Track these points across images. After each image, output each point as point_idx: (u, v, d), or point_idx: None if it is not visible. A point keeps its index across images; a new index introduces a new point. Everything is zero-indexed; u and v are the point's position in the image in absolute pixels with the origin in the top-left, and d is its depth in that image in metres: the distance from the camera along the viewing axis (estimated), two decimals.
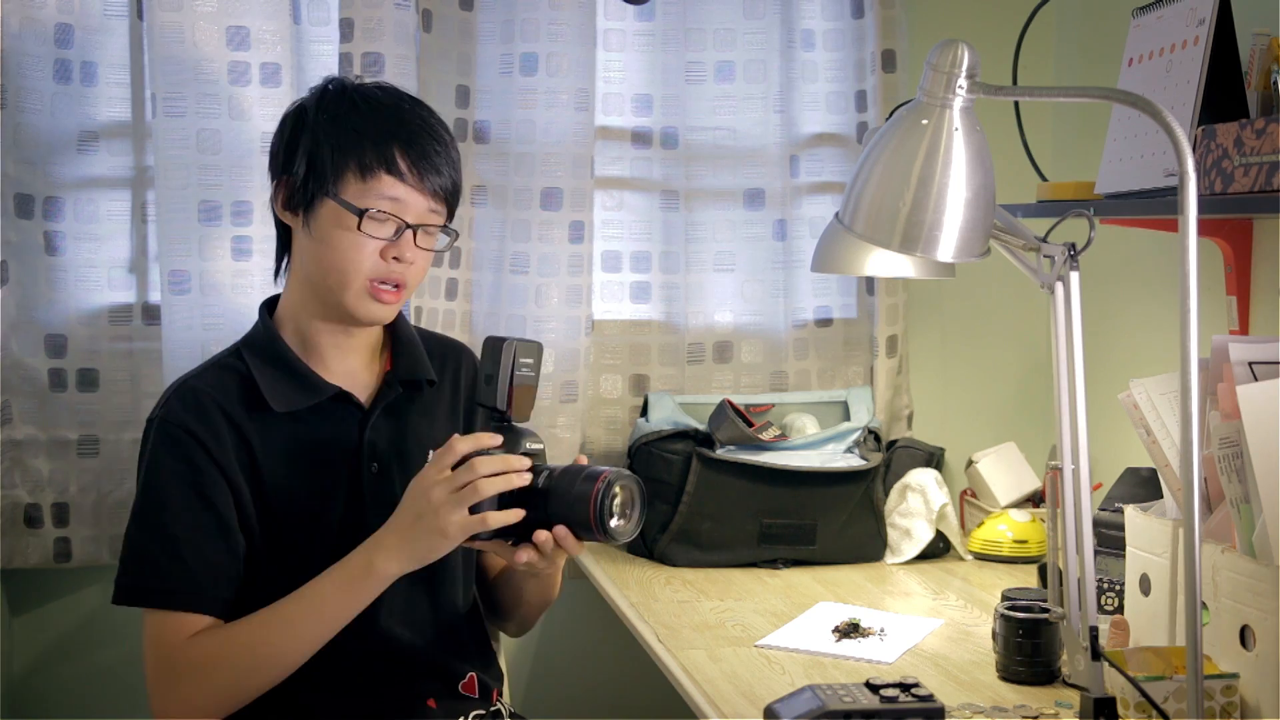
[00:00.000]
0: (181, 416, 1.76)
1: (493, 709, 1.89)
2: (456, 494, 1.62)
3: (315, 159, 1.76)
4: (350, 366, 1.84)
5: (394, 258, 1.76)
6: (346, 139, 1.76)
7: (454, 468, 1.64)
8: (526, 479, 1.65)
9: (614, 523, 1.66)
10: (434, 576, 1.84)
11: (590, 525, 1.64)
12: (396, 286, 1.78)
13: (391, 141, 1.76)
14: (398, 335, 1.90)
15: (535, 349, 1.71)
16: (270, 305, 1.88)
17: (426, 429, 1.86)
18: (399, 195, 1.75)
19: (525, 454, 1.68)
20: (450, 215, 1.83)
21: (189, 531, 1.73)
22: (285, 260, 1.87)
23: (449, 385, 1.94)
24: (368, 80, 1.85)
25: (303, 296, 1.82)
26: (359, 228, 1.74)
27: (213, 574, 1.73)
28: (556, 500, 1.66)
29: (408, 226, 1.76)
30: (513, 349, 1.68)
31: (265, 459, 1.77)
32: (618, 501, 1.66)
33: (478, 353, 1.81)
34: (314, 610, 1.69)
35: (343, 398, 1.81)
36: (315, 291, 1.80)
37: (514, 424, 1.69)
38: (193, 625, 1.72)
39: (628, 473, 1.67)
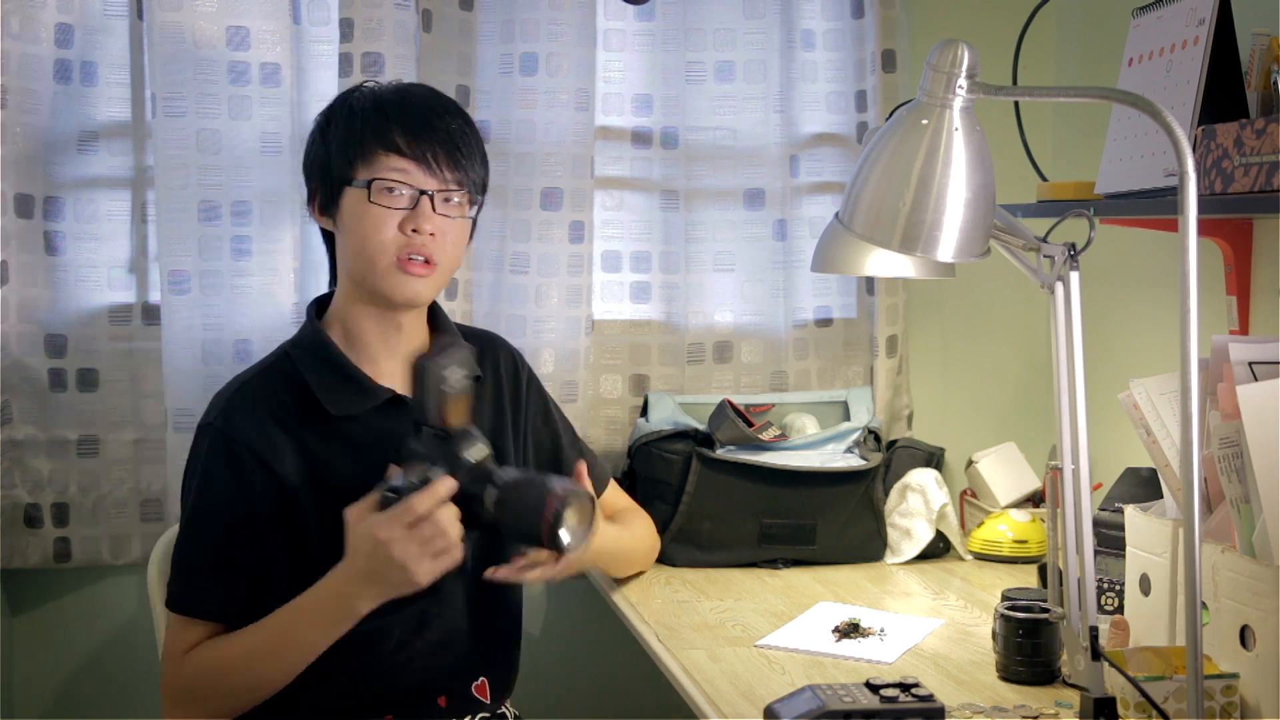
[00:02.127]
0: (237, 429, 1.77)
1: (499, 713, 1.90)
2: (422, 547, 1.61)
3: (329, 157, 1.81)
4: (399, 367, 1.86)
5: (413, 230, 1.78)
6: (352, 133, 1.80)
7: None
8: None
9: (566, 541, 1.67)
10: (444, 584, 1.85)
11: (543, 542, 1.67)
12: (426, 262, 1.79)
13: (388, 123, 1.79)
14: (441, 333, 1.91)
15: (461, 358, 1.70)
16: (319, 306, 1.90)
17: (477, 423, 1.87)
18: (404, 167, 1.79)
19: (466, 466, 1.66)
20: (471, 184, 1.85)
21: (233, 547, 1.75)
22: (332, 265, 1.92)
23: (491, 377, 1.96)
24: (386, 82, 1.89)
25: (348, 295, 1.85)
26: (370, 200, 1.77)
27: (248, 589, 1.75)
28: (509, 521, 1.67)
29: (422, 193, 1.78)
30: (436, 370, 1.67)
31: (328, 464, 1.77)
32: (570, 525, 1.67)
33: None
34: (294, 646, 1.71)
35: (396, 401, 1.82)
36: (356, 285, 1.83)
37: (453, 432, 1.68)
38: (209, 635, 1.76)
39: (578, 494, 1.68)
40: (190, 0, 2.33)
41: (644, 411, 2.63)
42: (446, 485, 1.63)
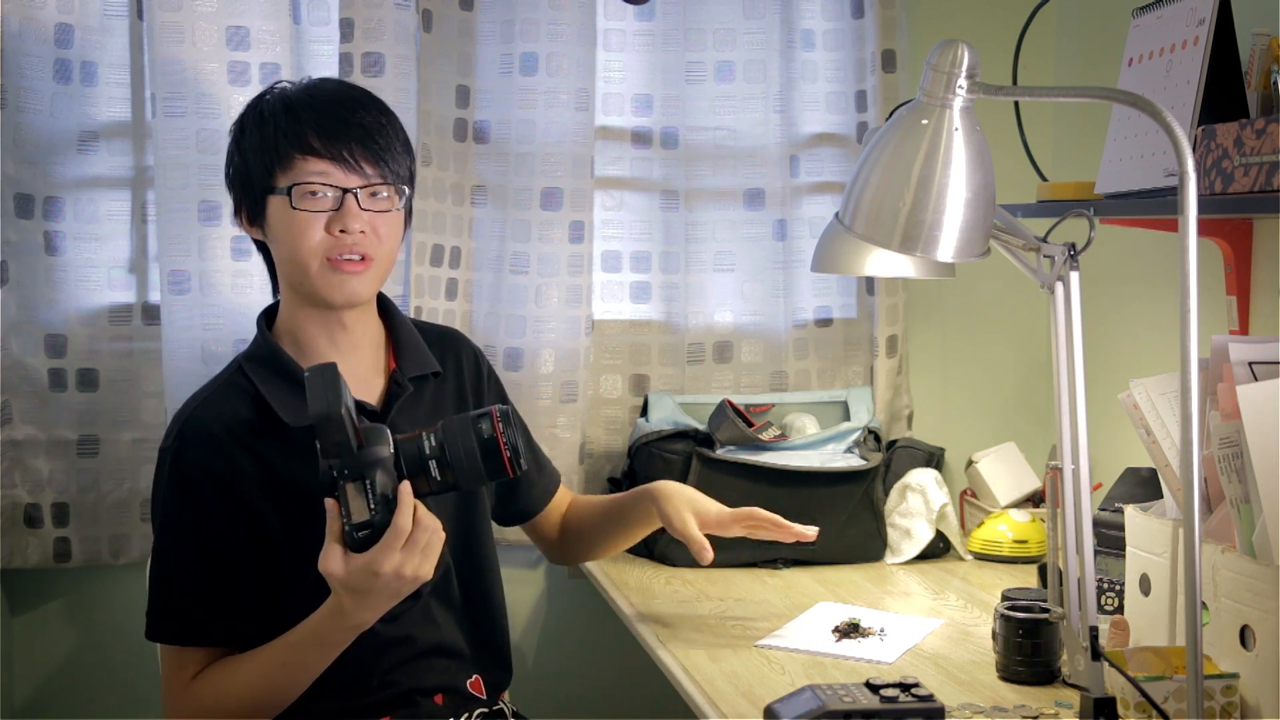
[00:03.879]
0: (195, 453, 1.76)
1: (496, 708, 1.90)
2: (423, 553, 1.60)
3: (247, 168, 1.80)
4: (354, 369, 1.84)
5: (341, 230, 1.76)
6: (265, 140, 1.78)
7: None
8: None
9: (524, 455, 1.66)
10: (446, 579, 1.85)
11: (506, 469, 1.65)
12: (362, 259, 1.78)
13: (300, 125, 1.77)
14: (397, 332, 1.90)
15: (327, 373, 1.59)
16: (268, 317, 1.89)
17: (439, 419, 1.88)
18: (322, 169, 1.76)
19: (394, 459, 1.62)
20: (395, 176, 1.81)
21: (200, 573, 1.75)
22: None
23: (451, 373, 1.95)
24: (298, 81, 1.86)
25: (290, 302, 1.84)
26: (293, 206, 1.75)
27: (220, 612, 1.75)
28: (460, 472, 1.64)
29: (345, 192, 1.76)
30: (330, 408, 1.56)
31: (289, 475, 1.76)
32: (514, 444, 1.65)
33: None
34: (299, 672, 1.71)
35: (356, 405, 1.79)
36: (295, 291, 1.82)
37: (366, 447, 1.61)
38: (203, 660, 1.76)
39: (489, 412, 1.65)
40: (190, 0, 2.33)
41: (644, 411, 2.63)
42: (406, 490, 1.60)
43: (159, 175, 2.37)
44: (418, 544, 1.59)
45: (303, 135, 1.76)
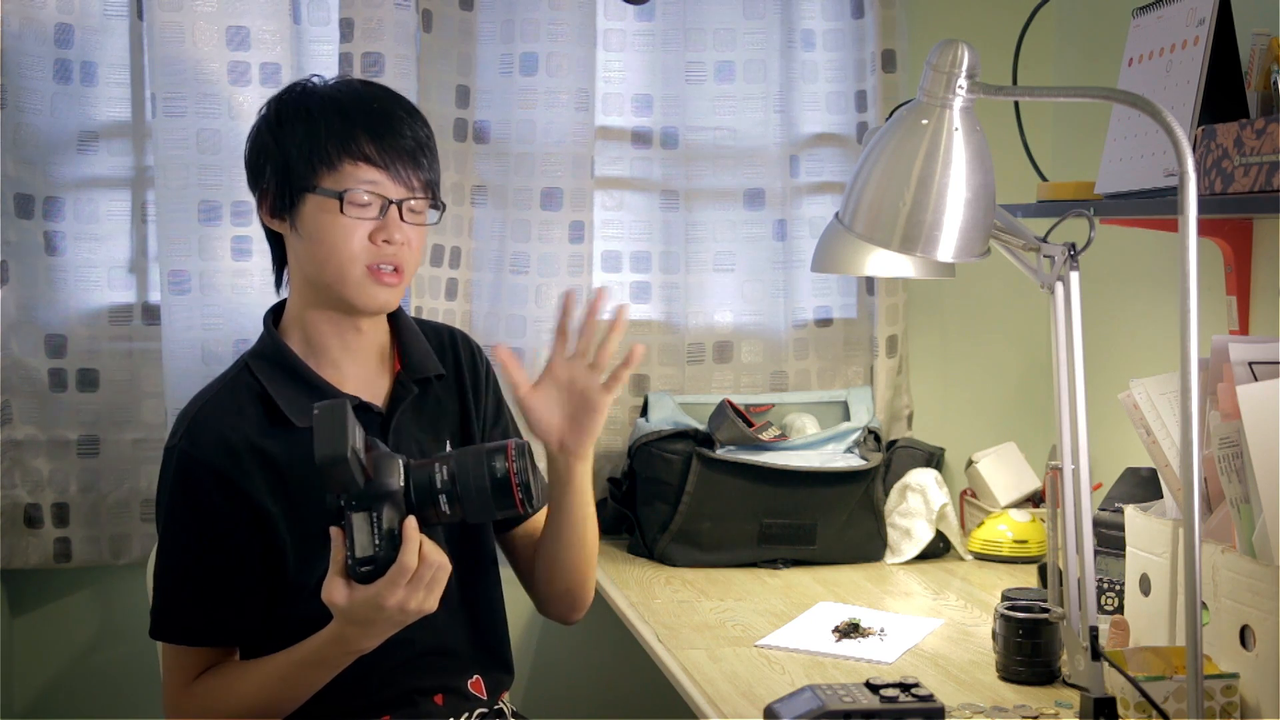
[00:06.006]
0: (201, 450, 1.76)
1: (496, 708, 1.90)
2: (428, 588, 1.60)
3: (287, 161, 1.77)
4: (361, 371, 1.84)
5: (384, 240, 1.76)
6: (314, 138, 1.76)
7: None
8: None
9: (536, 495, 1.65)
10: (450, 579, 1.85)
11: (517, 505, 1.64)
12: (395, 270, 1.78)
13: (354, 129, 1.76)
14: (402, 333, 1.90)
15: (336, 414, 1.56)
16: (275, 314, 1.88)
17: (444, 423, 1.87)
18: (374, 178, 1.76)
19: (403, 491, 1.60)
20: (432, 192, 1.82)
21: (206, 573, 1.75)
22: (284, 270, 1.88)
23: (452, 373, 1.95)
24: (330, 80, 1.85)
25: (305, 300, 1.82)
26: (341, 211, 1.74)
27: (226, 612, 1.75)
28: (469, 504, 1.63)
29: (390, 202, 1.76)
30: (340, 454, 1.54)
31: (293, 476, 1.76)
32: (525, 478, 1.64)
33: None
34: (299, 688, 1.72)
35: (362, 407, 1.80)
36: (317, 291, 1.80)
37: (375, 479, 1.60)
38: (204, 660, 1.77)
39: (503, 445, 1.64)
40: (190, 0, 2.33)
41: (644, 411, 2.63)
42: (412, 526, 1.59)
43: (159, 175, 2.37)
44: (422, 580, 1.59)
45: (357, 141, 1.75)
